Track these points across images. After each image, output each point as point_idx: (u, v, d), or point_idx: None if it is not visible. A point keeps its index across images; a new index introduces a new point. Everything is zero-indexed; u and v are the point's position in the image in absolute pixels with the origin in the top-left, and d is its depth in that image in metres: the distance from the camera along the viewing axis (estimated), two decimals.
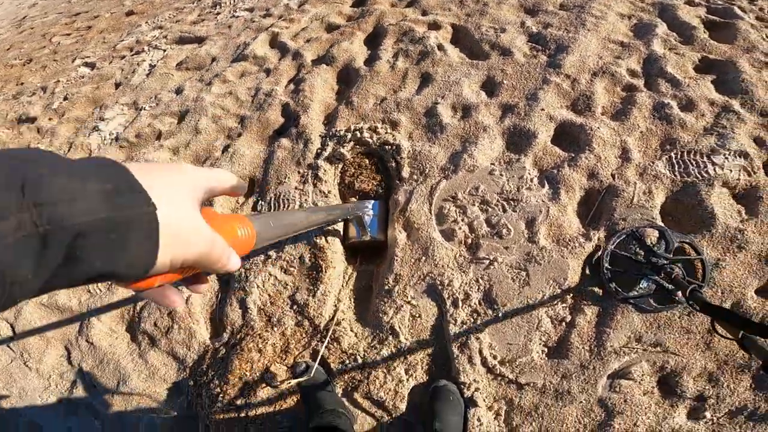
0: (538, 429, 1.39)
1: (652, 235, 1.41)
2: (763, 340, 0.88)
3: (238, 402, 1.52)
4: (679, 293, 1.28)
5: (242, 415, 1.50)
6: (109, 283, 1.92)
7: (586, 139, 1.67)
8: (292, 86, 2.29)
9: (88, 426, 1.75)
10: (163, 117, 2.42)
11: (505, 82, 1.90)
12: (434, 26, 2.30)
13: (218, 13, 3.46)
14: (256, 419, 1.50)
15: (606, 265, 1.38)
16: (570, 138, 1.73)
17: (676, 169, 1.55)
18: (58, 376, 1.85)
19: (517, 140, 1.74)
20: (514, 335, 1.43)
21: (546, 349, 1.41)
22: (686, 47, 1.90)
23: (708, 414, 1.28)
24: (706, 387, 1.30)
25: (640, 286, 1.36)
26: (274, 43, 2.70)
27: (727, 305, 1.36)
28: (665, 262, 1.32)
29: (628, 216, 1.48)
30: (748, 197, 1.48)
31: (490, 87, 1.94)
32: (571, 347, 1.39)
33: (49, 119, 2.84)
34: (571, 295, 1.44)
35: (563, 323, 1.42)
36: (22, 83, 3.61)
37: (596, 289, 1.43)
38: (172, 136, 2.29)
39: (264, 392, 1.51)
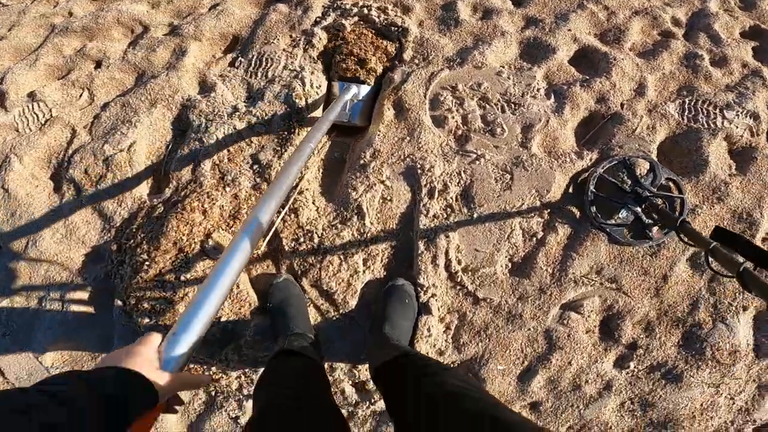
0: (482, 351, 1.32)
1: (642, 166, 1.36)
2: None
3: (167, 277, 1.31)
4: (655, 229, 1.30)
5: (168, 294, 1.30)
6: (41, 120, 1.72)
7: (607, 66, 1.57)
8: None
9: None
10: None
11: None
12: None
13: None
14: (183, 300, 1.30)
15: (591, 187, 1.32)
16: (589, 62, 1.63)
17: (686, 114, 1.51)
18: None
19: (534, 51, 1.61)
20: (483, 241, 1.32)
21: (510, 265, 1.34)
22: (743, 12, 1.82)
23: (632, 365, 1.31)
24: (641, 336, 1.32)
25: (619, 215, 1.32)
26: None
27: (689, 253, 1.35)
28: (649, 194, 1.29)
29: (625, 144, 1.43)
30: (743, 155, 1.47)
31: None
32: (535, 267, 1.32)
33: None
34: (549, 211, 1.36)
35: (534, 239, 1.34)
36: None
37: (574, 210, 1.37)
38: None
39: (201, 267, 1.33)
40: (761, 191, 1.39)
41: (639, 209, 1.30)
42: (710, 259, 0.91)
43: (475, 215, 1.32)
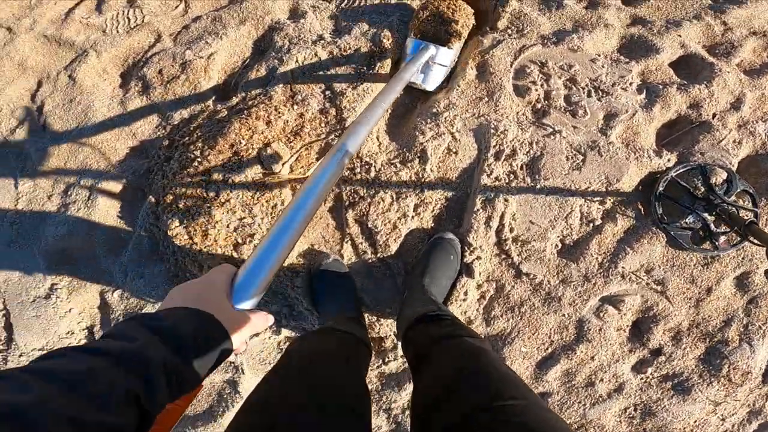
0: (510, 328, 1.29)
1: (719, 175, 1.32)
2: None
3: (214, 176, 1.31)
4: (723, 238, 1.30)
5: (209, 194, 1.29)
6: (131, 25, 1.83)
7: (709, 75, 1.51)
8: None
9: (4, 171, 1.56)
10: None
11: (652, 0, 1.71)
12: None
13: None
14: (224, 205, 1.29)
15: (661, 188, 1.28)
16: (691, 69, 1.57)
17: None
18: (9, 114, 1.66)
19: (635, 48, 1.57)
20: (540, 215, 1.30)
21: (561, 245, 1.31)
22: None
23: (650, 370, 1.31)
24: (667, 343, 1.34)
25: (687, 219, 1.29)
26: None
27: (739, 272, 1.33)
28: (721, 202, 1.26)
29: (707, 153, 1.38)
30: None
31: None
32: (585, 252, 1.29)
33: None
34: (613, 199, 1.32)
35: (591, 224, 1.31)
36: None
37: (639, 206, 1.33)
38: None
39: (252, 173, 1.33)
40: None
41: (708, 216, 1.27)
42: None
43: (538, 187, 1.29)
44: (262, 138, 1.38)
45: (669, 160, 1.37)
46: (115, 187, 1.47)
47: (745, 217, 1.21)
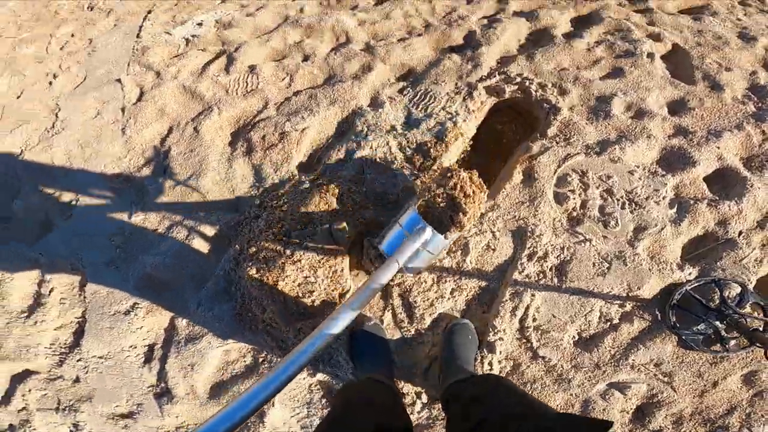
0: None
1: (733, 289, 1.48)
2: None
3: (293, 239, 1.61)
4: (733, 342, 1.44)
5: (285, 251, 1.58)
6: (248, 89, 2.27)
7: (740, 191, 1.67)
8: (485, 21, 2.45)
9: (123, 202, 1.96)
10: None
11: (696, 110, 1.88)
12: (655, 37, 2.29)
13: None
14: (295, 263, 1.59)
15: (675, 299, 1.47)
16: (724, 183, 1.73)
17: None
18: (140, 152, 2.09)
19: (674, 160, 1.75)
20: (562, 310, 1.52)
21: (578, 337, 1.52)
22: None
23: None
24: (669, 427, 1.48)
25: (698, 327, 1.46)
26: None
27: (747, 370, 1.49)
28: (732, 313, 1.41)
29: (728, 270, 1.53)
30: None
31: (677, 107, 1.93)
32: (600, 345, 1.49)
33: None
34: (632, 304, 1.52)
35: (609, 323, 1.51)
36: None
37: (657, 311, 1.52)
38: (365, 12, 2.59)
39: (321, 241, 1.60)
40: None
41: (719, 324, 1.43)
42: None
43: (564, 287, 1.52)
44: (334, 213, 1.71)
45: (690, 273, 1.54)
46: (210, 231, 1.82)
47: (751, 325, 1.36)
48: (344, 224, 1.67)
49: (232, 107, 2.18)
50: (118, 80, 2.54)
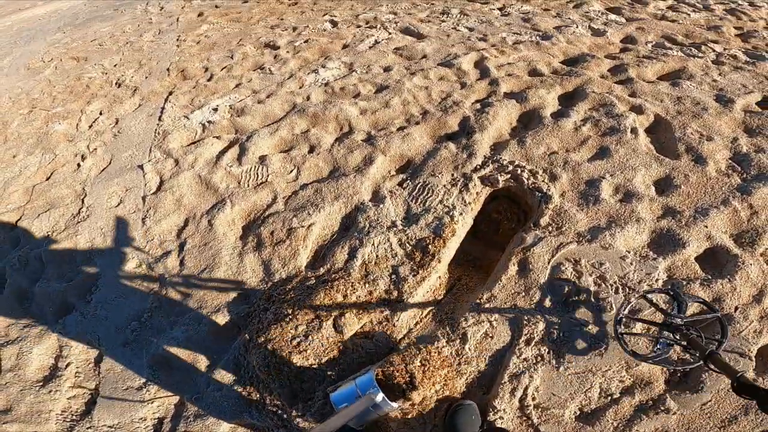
0: None
1: (661, 300, 1.62)
2: None
3: (299, 330, 1.75)
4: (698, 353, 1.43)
5: (292, 344, 1.70)
6: (258, 181, 2.50)
7: (732, 269, 1.74)
8: (478, 105, 2.67)
9: (139, 299, 2.13)
10: (366, 83, 3.02)
11: (682, 187, 2.00)
12: (637, 109, 2.47)
13: (443, 21, 4.04)
14: (300, 352, 1.70)
15: (620, 329, 1.51)
16: (716, 261, 1.81)
17: None
18: (158, 244, 2.30)
19: (663, 243, 1.85)
20: (561, 388, 1.59)
21: (579, 412, 1.56)
22: None
23: None
24: None
25: (657, 347, 1.48)
26: (479, 64, 3.13)
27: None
28: (681, 323, 1.42)
29: (726, 342, 1.56)
30: None
31: (663, 185, 2.06)
32: (602, 419, 1.52)
33: (287, 52, 3.71)
34: (633, 378, 1.56)
35: (609, 397, 1.55)
36: (282, 19, 4.70)
37: (661, 382, 1.55)
38: (366, 100, 2.85)
39: (326, 334, 1.75)
40: None
41: (673, 337, 1.44)
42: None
43: (562, 368, 1.60)
44: (338, 308, 1.83)
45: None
46: (222, 320, 1.97)
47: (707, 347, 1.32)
48: (347, 318, 1.80)
49: (243, 200, 2.41)
50: (141, 167, 2.80)
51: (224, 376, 1.80)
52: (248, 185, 2.51)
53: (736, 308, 1.67)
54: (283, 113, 2.99)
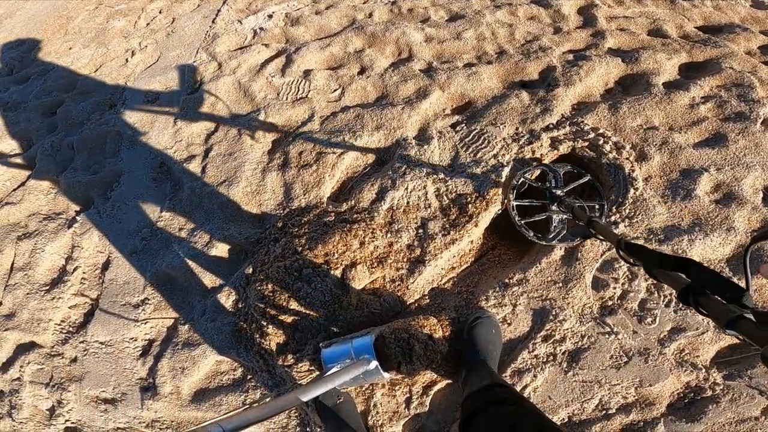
0: None
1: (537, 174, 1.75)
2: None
3: (304, 271, 1.70)
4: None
5: (294, 285, 1.69)
6: (297, 96, 2.40)
7: None
8: (570, 56, 2.35)
9: (158, 194, 2.23)
10: (439, 8, 2.81)
11: None
12: None
13: None
14: (300, 298, 1.67)
15: (514, 212, 1.65)
16: None
17: None
18: (185, 146, 2.34)
19: (749, 261, 1.58)
20: (560, 394, 1.49)
21: (567, 420, 1.48)
22: None
23: None
24: None
25: (554, 225, 1.60)
26: (585, 11, 2.72)
27: None
28: (561, 193, 1.58)
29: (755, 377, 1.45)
30: None
31: None
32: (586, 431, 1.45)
33: None
34: (638, 397, 1.46)
35: (604, 412, 1.46)
36: None
37: (663, 405, 1.45)
38: (434, 27, 2.62)
39: (331, 283, 1.68)
40: None
41: (560, 209, 1.57)
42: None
43: (571, 374, 1.49)
44: (351, 256, 1.73)
45: (714, 379, 1.44)
46: (230, 242, 1.97)
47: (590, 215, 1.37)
48: (358, 270, 1.71)
49: (279, 113, 2.34)
50: (183, 67, 2.83)
51: (220, 307, 1.83)
52: (287, 98, 2.43)
53: None
54: (339, 28, 2.82)
